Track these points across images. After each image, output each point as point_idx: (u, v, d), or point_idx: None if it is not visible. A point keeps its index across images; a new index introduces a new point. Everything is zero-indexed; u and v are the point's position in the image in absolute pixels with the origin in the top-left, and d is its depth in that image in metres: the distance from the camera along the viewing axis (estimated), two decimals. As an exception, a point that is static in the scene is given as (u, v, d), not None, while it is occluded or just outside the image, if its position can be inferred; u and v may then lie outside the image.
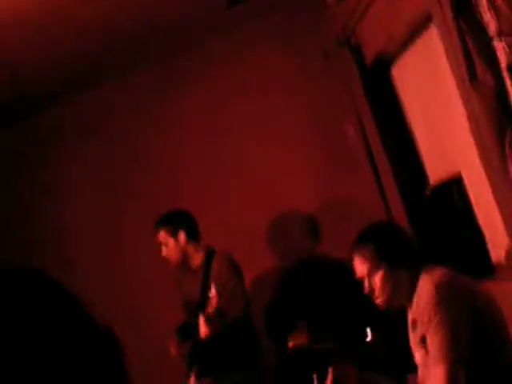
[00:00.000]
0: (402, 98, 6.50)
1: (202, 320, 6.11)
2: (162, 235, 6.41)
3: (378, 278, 4.08)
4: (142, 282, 7.29)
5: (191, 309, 6.43)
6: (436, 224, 5.74)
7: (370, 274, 4.10)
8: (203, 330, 6.09)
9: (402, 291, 4.11)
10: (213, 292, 6.18)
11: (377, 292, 4.12)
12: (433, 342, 3.80)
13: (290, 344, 5.45)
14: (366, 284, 4.14)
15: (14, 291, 2.64)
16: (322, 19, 6.93)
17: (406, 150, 6.44)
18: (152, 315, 7.20)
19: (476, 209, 5.53)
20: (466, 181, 5.58)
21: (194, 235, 6.44)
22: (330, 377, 4.20)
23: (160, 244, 6.42)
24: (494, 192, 4.45)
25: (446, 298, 3.85)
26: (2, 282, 2.60)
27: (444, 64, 5.02)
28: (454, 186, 5.68)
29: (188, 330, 6.39)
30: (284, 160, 7.37)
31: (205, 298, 6.31)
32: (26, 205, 7.64)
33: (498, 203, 4.43)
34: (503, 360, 3.88)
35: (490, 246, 5.48)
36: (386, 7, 5.67)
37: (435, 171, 6.33)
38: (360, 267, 4.17)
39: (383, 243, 4.14)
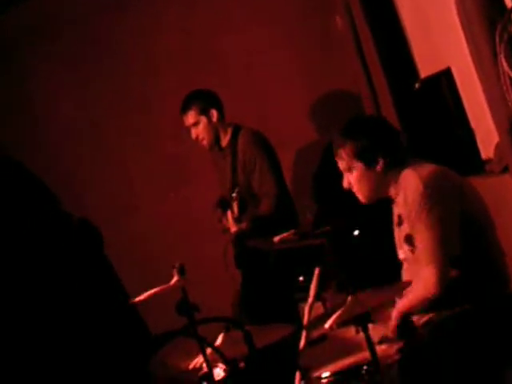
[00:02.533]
0: None
1: (229, 216, 5.92)
2: (193, 115, 6.04)
3: (354, 177, 3.86)
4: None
5: (226, 190, 6.16)
6: (425, 118, 5.38)
7: (348, 171, 3.89)
8: (232, 228, 5.93)
9: (381, 188, 3.86)
10: (240, 176, 5.98)
11: (354, 189, 3.91)
12: (422, 240, 3.59)
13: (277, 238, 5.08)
14: (345, 180, 3.93)
15: None
16: None
17: (396, 42, 6.10)
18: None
19: (465, 104, 5.22)
20: (456, 75, 5.20)
21: (222, 114, 6.13)
22: (316, 275, 4.19)
23: (189, 127, 6.10)
24: (483, 87, 4.17)
25: (433, 194, 3.61)
26: None
27: None
28: (444, 79, 5.25)
29: (226, 203, 6.11)
30: (275, 54, 6.96)
31: (235, 180, 6.06)
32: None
33: (488, 98, 4.15)
34: (489, 257, 3.68)
35: (479, 142, 5.22)
36: None
37: (425, 65, 5.98)
38: (339, 162, 3.93)
39: (360, 141, 3.82)
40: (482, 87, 4.24)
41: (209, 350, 3.77)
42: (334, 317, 3.20)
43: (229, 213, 6.05)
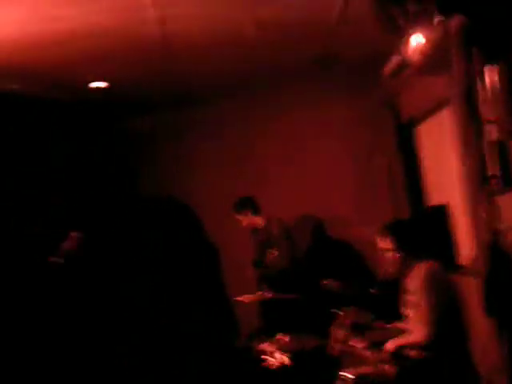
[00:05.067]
0: (420, 147, 6.88)
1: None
2: (237, 217, 6.89)
3: (393, 257, 4.45)
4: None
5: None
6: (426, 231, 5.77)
7: (390, 252, 4.45)
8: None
9: (403, 270, 4.46)
10: (273, 251, 6.64)
11: (390, 265, 4.51)
12: (418, 310, 4.23)
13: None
14: (384, 256, 4.51)
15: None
16: (378, 86, 7.10)
17: (416, 180, 6.90)
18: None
19: (454, 227, 5.92)
20: (452, 209, 5.97)
21: (256, 211, 6.88)
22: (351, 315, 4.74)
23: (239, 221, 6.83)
24: (471, 221, 4.80)
25: (429, 285, 4.25)
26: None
27: (449, 130, 5.41)
28: (444, 209, 6.10)
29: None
30: (329, 180, 7.72)
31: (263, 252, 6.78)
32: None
33: (472, 228, 4.79)
34: (458, 329, 4.33)
35: (458, 250, 5.91)
36: (419, 88, 6.03)
37: (432, 198, 6.74)
38: (384, 244, 4.49)
39: (403, 237, 4.45)
40: (471, 216, 4.75)
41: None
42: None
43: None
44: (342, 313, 4.88)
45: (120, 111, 7.31)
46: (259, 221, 6.89)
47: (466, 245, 5.59)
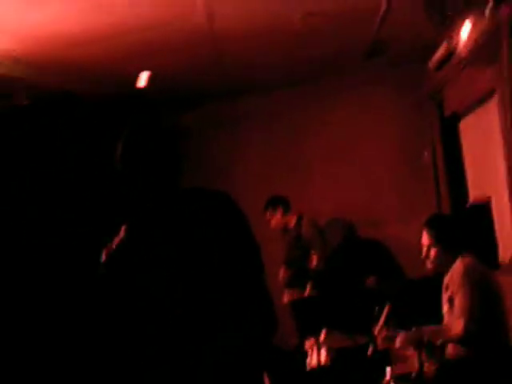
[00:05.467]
0: (463, 142, 6.84)
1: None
2: (268, 214, 6.84)
3: (433, 253, 4.42)
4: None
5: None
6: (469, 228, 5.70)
7: (429, 248, 4.43)
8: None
9: (444, 265, 4.42)
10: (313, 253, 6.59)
11: (429, 260, 4.46)
12: (458, 304, 4.18)
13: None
14: (424, 252, 4.46)
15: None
16: (423, 78, 7.10)
17: (459, 176, 6.85)
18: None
19: (496, 224, 5.90)
20: (494, 205, 5.92)
21: (287, 209, 6.84)
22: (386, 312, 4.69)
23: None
24: None
25: (469, 279, 4.21)
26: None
27: (495, 127, 5.43)
28: (485, 207, 6.03)
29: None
30: (377, 172, 7.69)
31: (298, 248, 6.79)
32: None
33: None
34: (497, 324, 4.25)
35: (500, 248, 5.84)
36: (465, 80, 5.96)
37: (474, 194, 6.67)
38: (424, 239, 4.47)
39: (443, 232, 4.43)
40: None
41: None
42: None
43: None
44: (384, 310, 4.80)
45: (169, 106, 7.34)
46: (290, 220, 6.84)
47: (507, 243, 5.58)
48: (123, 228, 2.67)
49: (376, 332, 4.64)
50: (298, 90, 7.72)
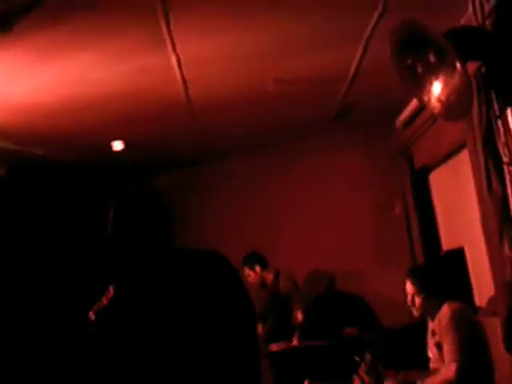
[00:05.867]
0: (434, 193, 7.01)
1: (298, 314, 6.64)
2: (247, 270, 6.95)
3: (418, 300, 4.58)
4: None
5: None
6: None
7: (414, 296, 4.59)
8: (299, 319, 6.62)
9: (429, 311, 4.58)
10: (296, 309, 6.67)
11: (415, 308, 4.61)
12: (448, 348, 4.33)
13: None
14: (409, 299, 4.62)
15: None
16: (391, 137, 7.36)
17: (431, 226, 7.01)
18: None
19: (470, 269, 6.00)
20: (467, 252, 6.03)
21: (264, 265, 6.98)
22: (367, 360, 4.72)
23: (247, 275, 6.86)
24: (490, 261, 4.85)
25: (457, 323, 4.37)
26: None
27: (466, 177, 5.54)
28: (459, 254, 6.13)
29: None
30: (349, 227, 7.83)
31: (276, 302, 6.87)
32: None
33: (492, 268, 4.83)
34: (485, 365, 4.40)
35: (475, 294, 5.96)
36: (433, 135, 6.16)
37: (447, 243, 6.80)
38: (408, 288, 4.62)
39: (425, 281, 4.60)
40: (490, 261, 4.82)
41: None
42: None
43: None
44: (366, 359, 4.85)
45: (142, 171, 7.50)
46: (268, 275, 6.95)
47: (481, 287, 5.71)
48: (111, 287, 2.76)
49: (356, 381, 4.72)
50: (271, 153, 7.91)
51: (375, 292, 7.27)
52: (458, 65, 4.35)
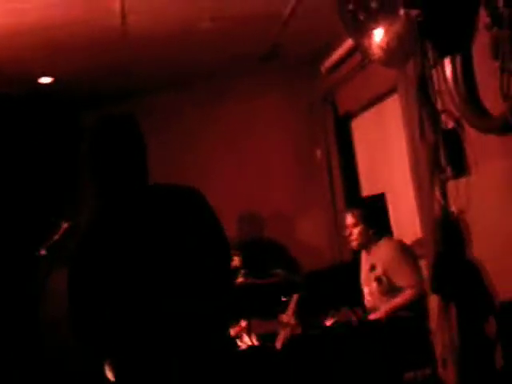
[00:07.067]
0: (356, 141, 7.15)
1: None
2: None
3: (356, 231, 4.98)
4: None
5: None
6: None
7: (353, 227, 4.98)
8: None
9: (368, 243, 4.98)
10: None
11: (353, 238, 5.00)
12: (404, 275, 4.74)
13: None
14: (349, 232, 5.00)
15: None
16: (315, 81, 7.32)
17: (352, 172, 7.13)
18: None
19: (392, 216, 6.03)
20: (388, 198, 6.04)
21: None
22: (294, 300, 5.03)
23: None
24: (419, 206, 4.97)
25: (407, 253, 4.87)
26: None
27: (389, 125, 5.73)
28: (380, 199, 6.12)
29: None
30: (271, 171, 7.73)
31: None
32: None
33: (421, 212, 4.96)
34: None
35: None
36: (359, 82, 6.23)
37: (368, 189, 6.90)
38: (349, 220, 5.01)
39: (366, 213, 5.02)
40: (417, 205, 4.94)
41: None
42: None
43: None
44: (292, 300, 5.15)
45: (72, 104, 7.32)
46: None
47: (400, 232, 5.82)
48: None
49: (285, 320, 5.00)
50: (197, 90, 7.75)
51: (297, 236, 7.40)
52: (402, 11, 4.40)
